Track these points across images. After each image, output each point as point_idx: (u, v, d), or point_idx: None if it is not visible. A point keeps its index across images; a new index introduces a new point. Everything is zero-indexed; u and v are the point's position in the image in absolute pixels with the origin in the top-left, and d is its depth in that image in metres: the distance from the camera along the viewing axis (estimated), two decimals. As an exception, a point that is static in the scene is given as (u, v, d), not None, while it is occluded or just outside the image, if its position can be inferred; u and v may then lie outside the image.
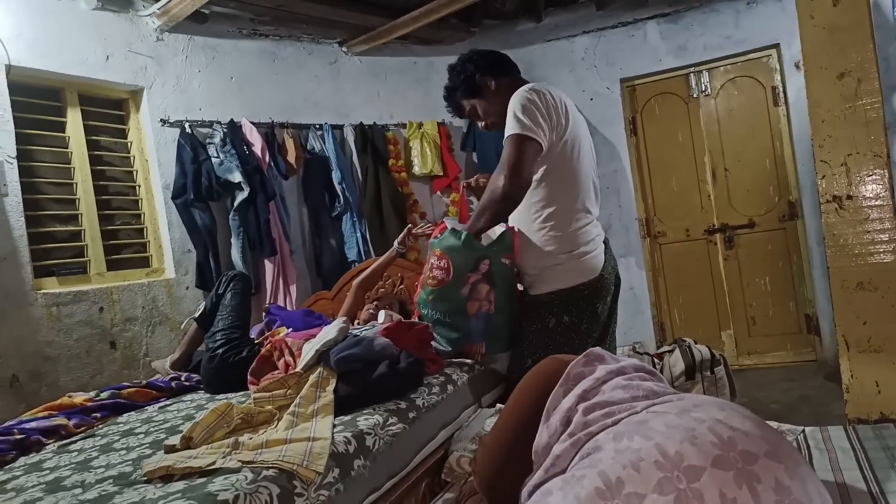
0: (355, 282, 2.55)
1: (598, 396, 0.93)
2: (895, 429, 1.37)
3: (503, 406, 1.29)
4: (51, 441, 1.67)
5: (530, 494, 0.89)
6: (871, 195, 1.72)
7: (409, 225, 2.68)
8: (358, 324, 2.43)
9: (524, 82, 1.97)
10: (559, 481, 0.80)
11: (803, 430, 1.42)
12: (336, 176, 3.64)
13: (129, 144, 3.13)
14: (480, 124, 2.09)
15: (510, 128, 1.78)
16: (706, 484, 0.67)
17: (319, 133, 3.69)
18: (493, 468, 1.08)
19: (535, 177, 1.85)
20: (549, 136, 1.79)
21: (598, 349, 1.06)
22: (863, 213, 1.73)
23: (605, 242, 1.98)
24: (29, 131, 2.70)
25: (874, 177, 1.71)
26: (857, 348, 1.75)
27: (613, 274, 1.98)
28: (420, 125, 4.02)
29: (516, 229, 1.95)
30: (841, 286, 1.76)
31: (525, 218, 1.92)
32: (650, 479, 0.69)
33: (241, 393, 1.95)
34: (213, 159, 3.17)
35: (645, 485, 0.69)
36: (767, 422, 0.88)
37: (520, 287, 2.07)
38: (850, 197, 1.74)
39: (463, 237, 1.89)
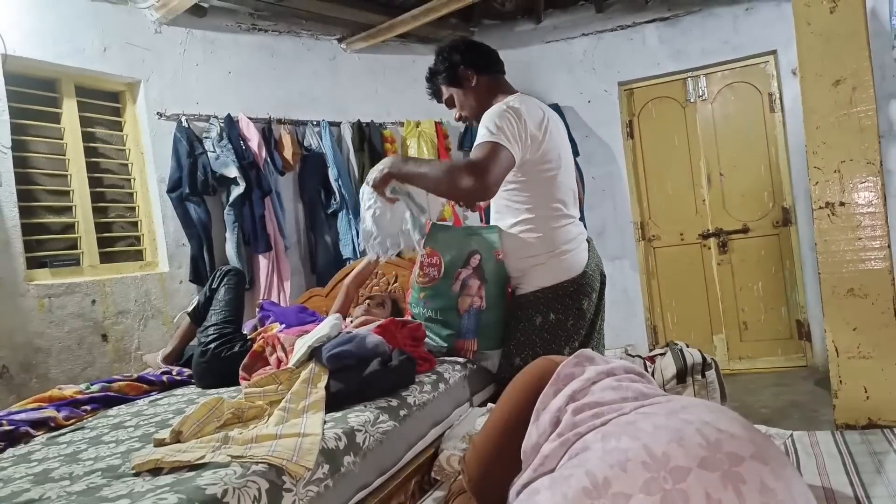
0: (346, 280, 2.55)
1: (587, 397, 0.93)
2: (882, 434, 1.38)
3: (494, 405, 1.29)
4: (40, 433, 1.66)
5: (518, 493, 0.89)
6: (863, 202, 1.73)
7: None
8: (351, 321, 2.42)
9: (507, 86, 1.97)
10: (547, 480, 0.81)
11: (791, 435, 1.43)
12: (332, 173, 3.64)
13: (124, 137, 3.12)
14: (454, 114, 2.08)
15: (483, 134, 1.75)
16: (692, 485, 0.68)
17: (317, 129, 3.69)
18: (482, 467, 1.08)
19: (514, 185, 1.86)
20: (522, 154, 1.79)
21: (588, 350, 1.06)
22: (855, 220, 1.74)
23: (589, 241, 2.00)
24: (24, 121, 2.69)
25: (867, 184, 1.72)
26: (847, 354, 1.76)
27: (598, 271, 1.99)
28: (418, 124, 4.02)
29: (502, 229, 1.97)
30: (832, 292, 1.77)
31: (505, 224, 1.94)
32: (637, 480, 0.70)
33: (233, 388, 1.95)
34: (210, 153, 3.16)
35: (632, 485, 0.69)
36: (756, 426, 0.89)
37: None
38: (842, 204, 1.75)
39: (451, 232, 1.92)
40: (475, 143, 1.77)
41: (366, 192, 1.92)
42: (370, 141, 3.84)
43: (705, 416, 0.78)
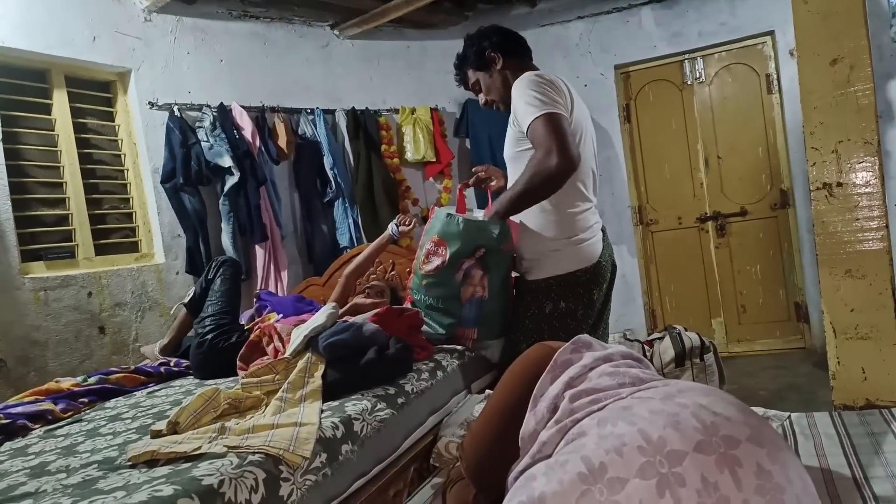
0: (346, 270, 2.54)
1: (584, 383, 0.93)
2: (880, 415, 1.38)
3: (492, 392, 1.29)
4: (37, 426, 1.66)
5: (516, 480, 0.89)
6: (861, 182, 1.71)
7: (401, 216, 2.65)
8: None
9: (534, 68, 1.96)
10: (543, 466, 0.80)
11: (789, 416, 1.43)
12: (328, 161, 3.61)
13: (116, 127, 3.09)
14: (480, 100, 2.08)
15: (532, 110, 1.70)
16: (688, 468, 0.67)
17: (311, 118, 3.65)
18: (479, 454, 1.08)
19: None
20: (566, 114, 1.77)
21: (585, 336, 1.05)
22: (852, 201, 1.72)
23: (603, 230, 1.99)
24: (14, 113, 2.66)
25: (865, 164, 1.71)
26: (845, 335, 1.75)
27: (610, 262, 1.99)
28: (413, 111, 3.99)
29: (517, 221, 1.95)
30: (829, 273, 1.76)
31: None
32: (633, 464, 0.69)
33: (230, 378, 1.95)
34: (203, 143, 3.13)
35: (627, 469, 0.69)
36: (753, 408, 0.88)
37: (514, 274, 2.06)
38: (840, 184, 1.74)
39: (461, 224, 1.88)
40: (528, 124, 1.72)
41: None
42: (365, 128, 3.81)
43: (701, 399, 0.77)
